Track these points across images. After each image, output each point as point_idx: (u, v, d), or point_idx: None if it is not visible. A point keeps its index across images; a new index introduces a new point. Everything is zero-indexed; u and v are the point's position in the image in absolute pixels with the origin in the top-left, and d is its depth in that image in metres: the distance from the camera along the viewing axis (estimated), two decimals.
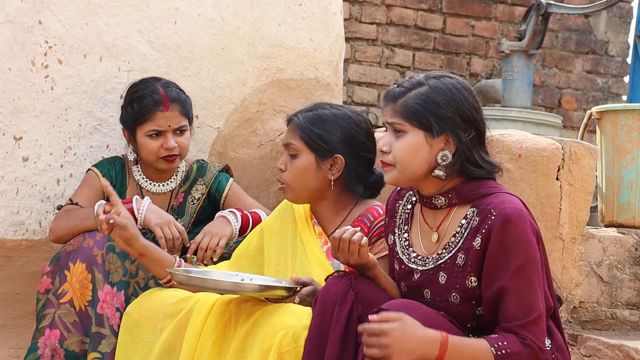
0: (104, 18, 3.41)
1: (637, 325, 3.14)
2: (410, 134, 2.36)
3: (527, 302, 2.26)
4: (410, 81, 2.40)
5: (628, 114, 3.36)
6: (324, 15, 3.86)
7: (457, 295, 2.34)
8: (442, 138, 2.35)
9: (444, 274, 2.36)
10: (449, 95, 2.36)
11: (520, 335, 2.25)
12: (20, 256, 3.36)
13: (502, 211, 2.28)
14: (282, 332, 2.43)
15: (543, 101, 6.97)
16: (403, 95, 2.38)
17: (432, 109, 2.35)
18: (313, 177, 2.75)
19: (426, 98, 2.35)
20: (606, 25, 7.15)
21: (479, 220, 2.31)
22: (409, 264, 2.45)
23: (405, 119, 2.36)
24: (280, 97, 3.80)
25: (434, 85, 2.37)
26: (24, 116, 3.30)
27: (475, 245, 2.30)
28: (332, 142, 2.73)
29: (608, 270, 3.10)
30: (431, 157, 2.36)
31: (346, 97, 6.37)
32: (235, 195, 3.33)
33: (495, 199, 2.32)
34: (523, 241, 2.27)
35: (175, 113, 3.18)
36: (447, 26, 6.66)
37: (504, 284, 2.26)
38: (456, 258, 2.35)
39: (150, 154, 3.19)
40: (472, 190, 2.37)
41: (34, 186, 3.33)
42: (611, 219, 3.38)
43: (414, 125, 2.35)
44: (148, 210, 3.07)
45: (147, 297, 2.80)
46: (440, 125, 2.34)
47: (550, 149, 2.89)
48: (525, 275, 2.26)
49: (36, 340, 2.99)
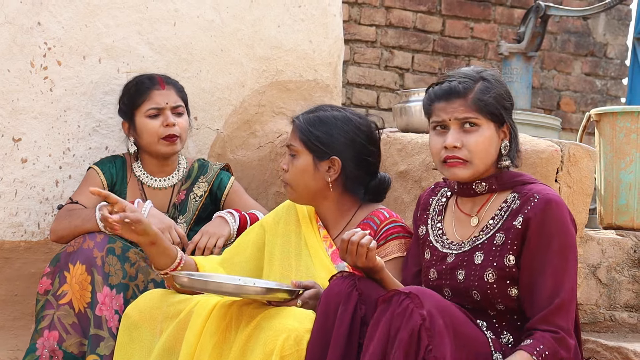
0: (103, 19, 3.41)
1: (636, 328, 3.14)
2: (485, 127, 2.44)
3: (560, 283, 2.33)
4: (467, 76, 2.47)
5: (627, 116, 3.36)
6: (323, 17, 3.86)
7: (494, 273, 2.39)
8: (505, 128, 2.47)
9: (480, 254, 2.42)
10: (505, 88, 2.49)
11: (551, 328, 2.31)
12: (18, 257, 3.36)
13: (546, 196, 2.37)
14: (284, 335, 2.42)
15: (542, 103, 6.97)
16: (470, 90, 2.45)
17: (500, 101, 2.46)
18: (311, 177, 2.75)
19: (495, 91, 2.45)
20: (605, 28, 7.16)
21: (520, 203, 2.40)
22: (442, 250, 2.51)
23: (480, 112, 2.44)
24: (279, 99, 3.80)
25: (492, 79, 2.47)
26: (23, 117, 3.30)
27: (516, 225, 2.38)
28: (329, 144, 2.74)
29: (607, 273, 3.10)
30: (498, 147, 2.47)
31: (345, 99, 6.37)
32: (237, 194, 3.34)
33: (537, 187, 2.43)
34: (563, 225, 2.36)
35: (171, 92, 3.23)
36: (446, 28, 6.66)
37: (542, 264, 2.33)
38: (494, 238, 2.42)
39: (151, 135, 3.19)
40: (512, 178, 2.47)
41: (32, 187, 3.33)
42: (610, 221, 3.38)
43: (488, 118, 2.44)
44: (149, 215, 3.08)
45: (146, 298, 2.79)
46: (506, 115, 2.46)
47: (549, 151, 2.89)
48: (563, 257, 2.34)
49: (35, 341, 2.99)
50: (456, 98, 2.44)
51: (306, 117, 2.78)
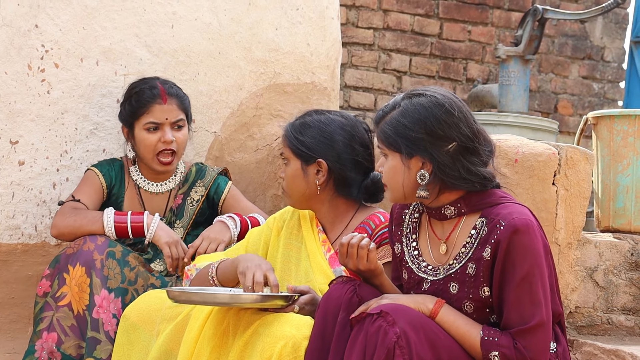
0: (100, 22, 3.41)
1: (633, 331, 3.14)
2: (390, 157, 2.41)
3: (526, 312, 2.28)
4: (390, 104, 2.44)
5: (624, 119, 3.36)
6: (320, 20, 3.86)
7: (471, 304, 2.35)
8: (417, 159, 2.37)
9: (455, 284, 2.37)
10: (416, 117, 2.37)
11: (515, 339, 2.27)
12: (15, 260, 3.35)
13: (511, 222, 2.29)
14: (282, 342, 2.42)
15: (539, 106, 6.97)
16: (382, 120, 2.43)
17: (401, 131, 2.37)
18: (302, 182, 2.79)
19: (396, 122, 2.39)
20: (602, 31, 7.17)
21: (487, 231, 2.33)
22: (419, 274, 2.45)
23: (383, 143, 2.42)
24: (277, 102, 3.80)
25: (404, 107, 2.39)
26: (20, 120, 3.29)
27: (485, 256, 2.32)
28: (312, 147, 2.77)
29: (604, 276, 3.10)
30: (411, 177, 2.38)
31: (343, 102, 6.38)
32: (234, 199, 3.34)
33: (504, 209, 2.34)
34: (529, 251, 2.28)
35: (173, 107, 3.20)
36: (444, 31, 6.67)
37: (507, 293, 2.28)
38: (466, 268, 2.36)
39: (147, 149, 3.19)
40: (481, 200, 2.38)
41: (29, 190, 3.32)
42: (607, 224, 3.39)
43: (391, 149, 2.40)
44: (158, 228, 3.10)
45: (145, 300, 2.80)
46: (410, 147, 2.36)
47: (546, 154, 2.89)
48: (528, 286, 2.28)
49: (33, 343, 2.99)
50: (375, 126, 2.46)
51: (292, 124, 2.85)
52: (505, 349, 2.26)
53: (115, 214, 3.10)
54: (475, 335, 2.30)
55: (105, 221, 3.07)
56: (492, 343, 2.28)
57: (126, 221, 3.09)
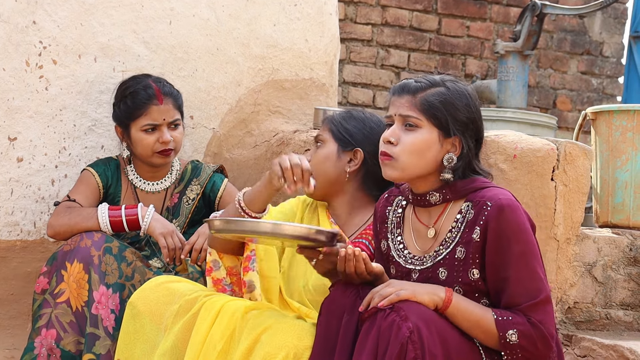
0: (98, 18, 3.41)
1: (632, 326, 3.14)
2: (425, 129, 2.37)
3: (532, 287, 2.28)
4: (428, 79, 2.42)
5: (623, 114, 3.36)
6: (319, 15, 3.86)
7: (460, 289, 2.34)
8: (453, 140, 2.38)
9: (444, 270, 2.37)
10: (464, 101, 2.39)
11: (527, 315, 2.27)
12: (14, 257, 3.35)
13: (498, 202, 2.30)
14: (283, 352, 2.42)
15: (538, 102, 6.97)
16: (422, 90, 2.39)
17: (451, 110, 2.37)
18: (332, 165, 2.82)
19: (447, 98, 2.37)
20: (601, 26, 7.16)
21: (474, 213, 2.33)
22: (406, 265, 2.45)
23: (423, 113, 2.37)
24: (275, 98, 3.80)
25: (452, 87, 2.40)
26: (19, 116, 3.29)
27: (474, 238, 2.32)
28: (355, 136, 2.83)
29: (602, 271, 3.10)
30: (439, 157, 2.38)
31: (341, 98, 6.37)
32: (230, 196, 3.33)
33: (489, 192, 2.35)
34: (520, 228, 2.30)
35: (169, 106, 3.20)
36: (442, 27, 6.66)
37: (507, 272, 2.29)
38: (455, 252, 2.36)
39: (145, 149, 3.19)
40: (465, 185, 2.39)
41: (28, 187, 3.32)
42: (606, 219, 3.39)
43: (431, 122, 2.37)
44: (153, 219, 3.09)
45: (152, 290, 2.76)
46: (454, 126, 2.37)
47: (545, 150, 2.89)
48: (526, 262, 2.29)
49: (33, 340, 2.99)
50: (406, 94, 2.39)
51: (339, 112, 2.92)
52: (521, 326, 2.26)
53: (109, 209, 3.10)
54: (490, 317, 2.29)
55: (100, 217, 3.07)
56: (507, 322, 2.27)
57: (120, 215, 3.09)
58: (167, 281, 2.81)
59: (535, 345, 2.26)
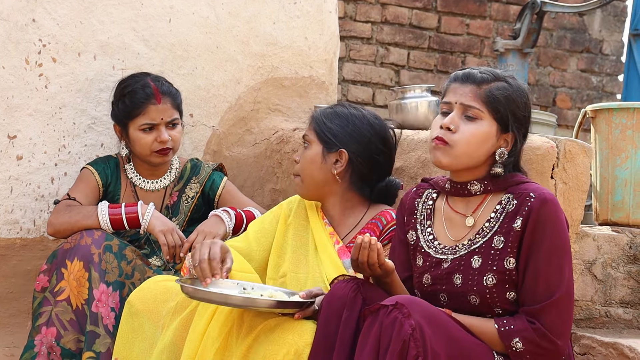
0: (98, 16, 3.40)
1: (631, 324, 3.14)
2: (486, 122, 2.41)
3: (553, 282, 2.31)
4: (491, 71, 2.44)
5: (622, 112, 3.36)
6: (318, 13, 3.86)
7: (494, 277, 2.36)
8: (508, 136, 2.42)
9: (478, 258, 2.39)
10: (524, 99, 2.45)
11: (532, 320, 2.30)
12: (14, 255, 3.35)
13: (542, 195, 2.35)
14: (284, 350, 2.42)
15: (538, 100, 6.97)
16: (487, 82, 2.41)
17: (512, 106, 2.42)
18: (318, 167, 2.80)
19: (510, 94, 2.42)
20: (601, 24, 7.16)
21: (516, 204, 2.37)
22: (436, 255, 2.47)
23: (486, 105, 2.40)
24: (274, 96, 3.80)
25: (514, 84, 2.44)
26: (18, 115, 3.29)
27: (515, 227, 2.36)
28: (339, 136, 2.79)
29: (602, 269, 3.10)
30: (491, 150, 2.43)
31: (341, 96, 6.37)
32: (230, 194, 3.34)
33: (530, 186, 2.40)
34: (558, 223, 2.34)
35: (167, 106, 3.20)
36: (442, 25, 6.66)
37: (536, 263, 2.32)
38: (492, 241, 2.39)
39: (144, 148, 3.19)
40: (507, 179, 2.43)
41: (28, 185, 3.32)
42: (605, 217, 3.39)
43: (492, 115, 2.40)
44: (153, 217, 3.10)
45: (151, 288, 2.77)
46: (514, 123, 2.41)
47: (544, 148, 2.89)
48: (556, 256, 2.33)
49: (33, 338, 2.99)
50: (470, 83, 2.41)
51: (323, 111, 2.87)
52: (524, 332, 2.30)
53: (109, 207, 3.10)
54: (491, 328, 2.32)
55: (100, 215, 3.07)
56: (510, 332, 2.30)
57: (121, 213, 3.09)
58: (164, 279, 2.82)
59: (541, 347, 2.30)
